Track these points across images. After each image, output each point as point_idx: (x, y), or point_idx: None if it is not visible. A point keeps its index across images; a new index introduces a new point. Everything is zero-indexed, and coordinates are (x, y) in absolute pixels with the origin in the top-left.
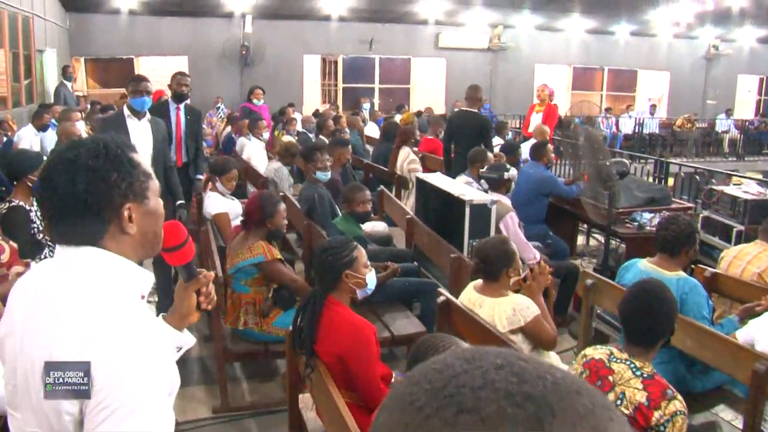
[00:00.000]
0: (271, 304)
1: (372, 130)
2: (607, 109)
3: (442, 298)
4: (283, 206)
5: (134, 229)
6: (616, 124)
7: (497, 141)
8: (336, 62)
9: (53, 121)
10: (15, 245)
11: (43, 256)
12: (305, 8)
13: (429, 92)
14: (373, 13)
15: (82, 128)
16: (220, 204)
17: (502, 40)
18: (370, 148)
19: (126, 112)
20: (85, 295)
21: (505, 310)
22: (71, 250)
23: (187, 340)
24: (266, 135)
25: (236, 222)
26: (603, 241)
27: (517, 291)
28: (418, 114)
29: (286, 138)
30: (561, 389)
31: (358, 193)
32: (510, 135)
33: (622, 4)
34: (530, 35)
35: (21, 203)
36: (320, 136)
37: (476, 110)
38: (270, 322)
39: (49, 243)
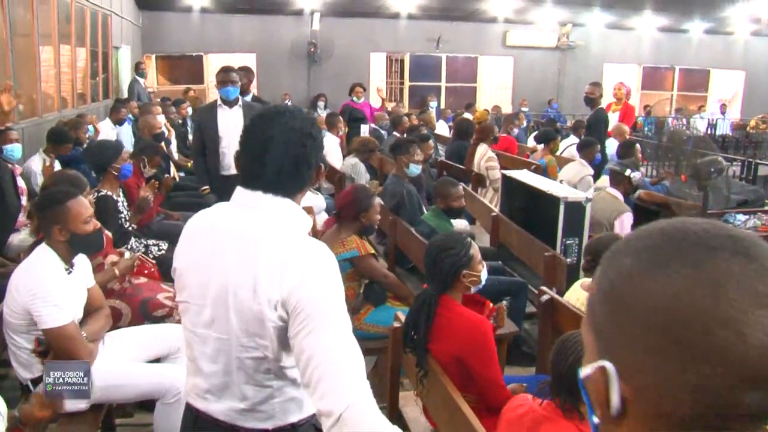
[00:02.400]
0: (362, 300)
1: (441, 128)
2: (678, 110)
3: (545, 297)
4: (378, 200)
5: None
6: (687, 125)
7: (573, 140)
8: (402, 60)
9: (130, 115)
10: (110, 234)
11: (130, 246)
12: (374, 5)
13: (496, 91)
14: (442, 11)
15: (162, 121)
16: (305, 198)
17: (570, 38)
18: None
19: (219, 101)
20: (287, 233)
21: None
22: (265, 196)
23: None
24: (342, 131)
25: (319, 217)
26: None
27: None
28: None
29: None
30: (751, 237)
31: (452, 188)
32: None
33: (696, 2)
34: (600, 33)
35: (109, 193)
36: (394, 133)
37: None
38: (361, 318)
39: (135, 233)
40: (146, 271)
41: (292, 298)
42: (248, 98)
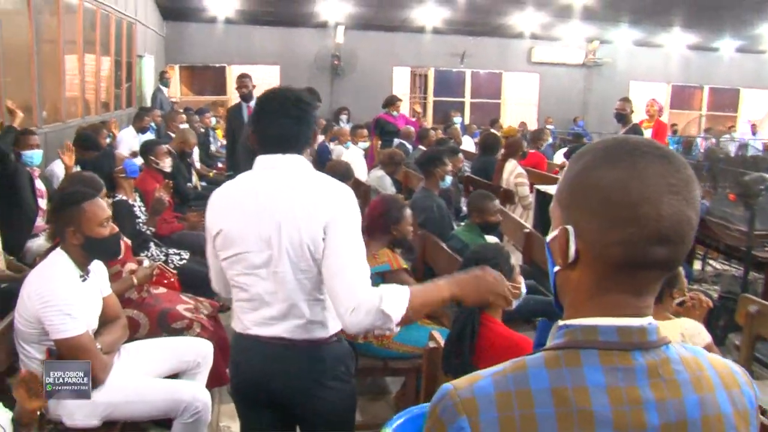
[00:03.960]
0: None
1: (467, 144)
2: (707, 130)
3: None
4: (409, 212)
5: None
6: (717, 145)
7: None
8: (426, 75)
9: (152, 124)
10: (129, 242)
11: (150, 254)
12: (398, 19)
13: (520, 107)
14: (467, 25)
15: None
16: None
17: (597, 55)
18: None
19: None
20: (311, 176)
21: (672, 336)
22: (282, 156)
23: None
24: (365, 143)
25: None
26: (719, 267)
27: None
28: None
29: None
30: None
31: (489, 202)
32: None
33: (727, 19)
34: (627, 51)
35: (124, 198)
36: (420, 147)
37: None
38: (391, 337)
39: (155, 241)
40: (166, 281)
41: (331, 222)
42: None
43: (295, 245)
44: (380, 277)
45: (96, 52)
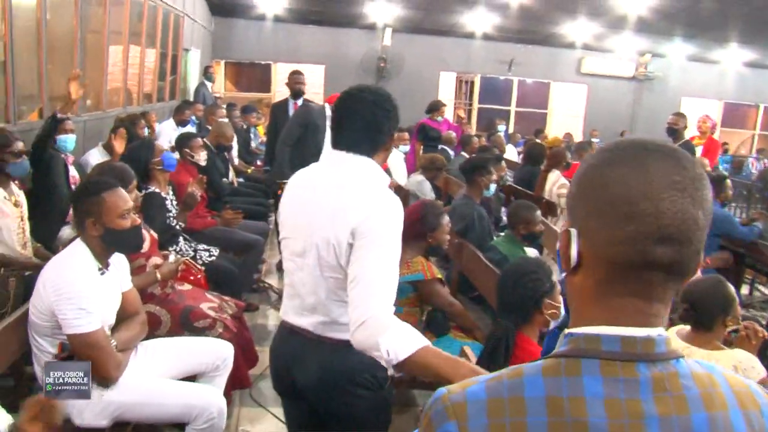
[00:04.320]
0: (423, 329)
1: (510, 153)
2: (760, 150)
3: None
4: (447, 219)
5: (388, 153)
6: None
7: None
8: (473, 82)
9: (193, 117)
10: (155, 235)
11: (179, 248)
12: (448, 23)
13: (567, 119)
14: (517, 33)
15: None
16: None
17: (648, 69)
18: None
19: (328, 112)
20: (360, 179)
21: (725, 368)
22: (350, 155)
23: None
24: (406, 147)
25: None
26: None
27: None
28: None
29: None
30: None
31: (532, 212)
32: None
33: None
34: (680, 65)
35: (157, 190)
36: (462, 153)
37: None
38: None
39: (185, 235)
40: (192, 278)
41: (359, 228)
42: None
43: (324, 242)
44: (412, 286)
45: (141, 43)
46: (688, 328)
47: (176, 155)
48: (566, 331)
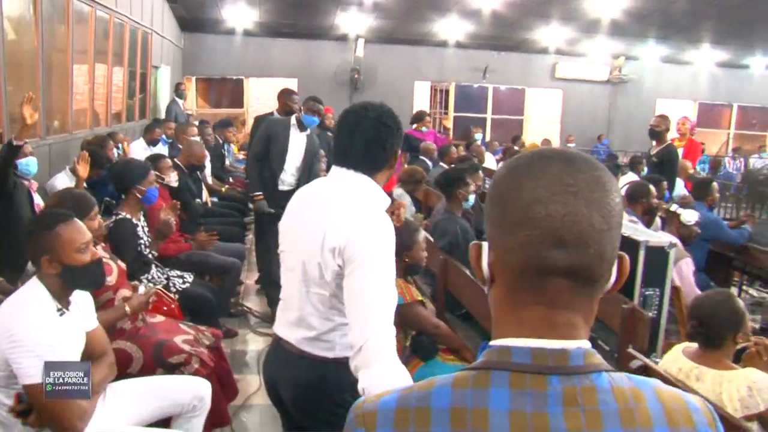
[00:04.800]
0: (409, 354)
1: (489, 162)
2: (736, 149)
3: (636, 363)
4: (422, 235)
5: (391, 171)
6: (744, 165)
7: (631, 177)
8: (447, 90)
9: (164, 136)
10: (123, 265)
11: (150, 276)
12: (421, 32)
13: (543, 124)
14: (490, 39)
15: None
16: None
17: (623, 72)
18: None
19: (293, 121)
20: (355, 199)
21: (738, 389)
22: (350, 173)
23: None
24: None
25: None
26: (756, 295)
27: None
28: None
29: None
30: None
31: None
32: (646, 170)
33: (758, 35)
34: (654, 67)
35: (128, 216)
36: (441, 164)
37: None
38: (412, 372)
39: (156, 262)
40: (165, 308)
41: (348, 248)
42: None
43: (310, 259)
44: None
45: (108, 62)
46: (695, 346)
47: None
48: (485, 344)
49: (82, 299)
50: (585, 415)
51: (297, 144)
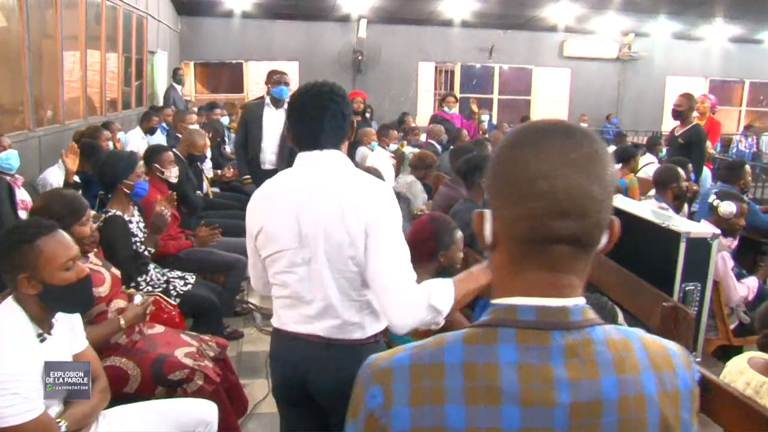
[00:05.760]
0: None
1: None
2: (747, 127)
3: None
4: (460, 235)
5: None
6: (757, 143)
7: (650, 158)
8: (453, 71)
9: (163, 124)
10: (117, 273)
11: (149, 278)
12: (425, 12)
13: (551, 104)
14: (497, 18)
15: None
16: None
17: (632, 49)
18: None
19: (267, 100)
20: (353, 174)
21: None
22: (320, 153)
23: None
24: (394, 145)
25: None
26: None
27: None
28: None
29: (408, 149)
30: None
31: None
32: (664, 152)
33: None
34: (665, 44)
35: (119, 213)
36: (452, 148)
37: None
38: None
39: (152, 260)
40: (165, 315)
41: (372, 225)
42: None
43: (333, 244)
44: None
45: (101, 47)
46: (765, 357)
47: (142, 172)
48: (490, 302)
49: (68, 318)
50: (584, 365)
51: (273, 121)
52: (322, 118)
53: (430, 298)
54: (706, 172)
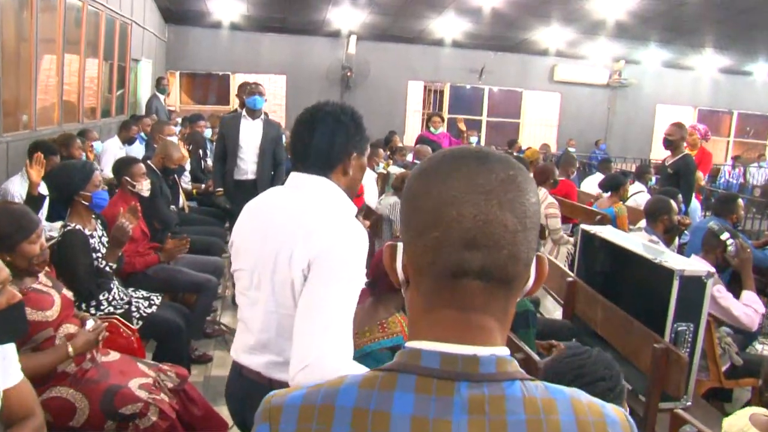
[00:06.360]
0: None
1: None
2: (735, 158)
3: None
4: None
5: (351, 173)
6: (744, 174)
7: (639, 187)
8: (442, 91)
9: (142, 134)
10: (69, 294)
11: (110, 297)
12: (416, 30)
13: (540, 128)
14: (488, 39)
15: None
16: None
17: (623, 75)
18: None
19: (243, 113)
20: (323, 208)
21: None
22: (308, 176)
23: None
24: (381, 165)
25: None
26: None
27: None
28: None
29: (393, 169)
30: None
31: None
32: (654, 180)
33: (762, 41)
34: (655, 72)
35: (78, 227)
36: None
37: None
38: None
39: (115, 278)
40: (123, 340)
41: (316, 262)
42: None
43: (281, 277)
44: (391, 352)
45: (80, 53)
46: None
47: (100, 181)
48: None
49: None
50: (489, 425)
51: (250, 132)
52: (315, 138)
53: (315, 362)
54: (695, 204)
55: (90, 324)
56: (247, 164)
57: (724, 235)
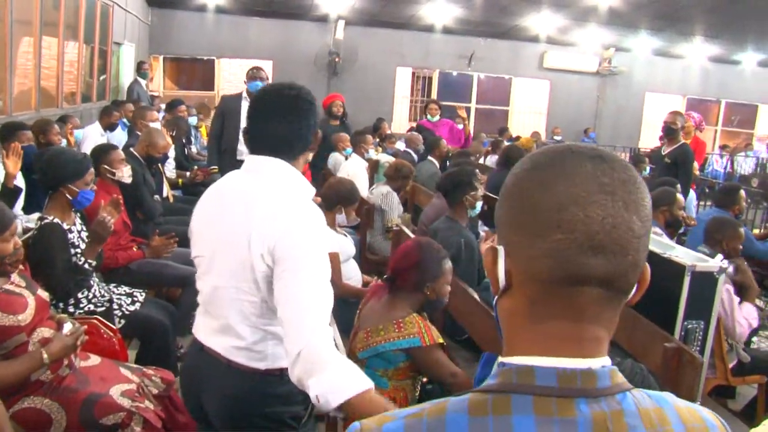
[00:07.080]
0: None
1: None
2: (722, 147)
3: None
4: (449, 266)
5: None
6: (731, 163)
7: None
8: (431, 78)
9: (124, 120)
10: (45, 295)
11: (90, 295)
12: (405, 15)
13: (529, 116)
14: (478, 25)
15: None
16: (330, 240)
17: (612, 63)
18: None
19: (244, 95)
20: (281, 192)
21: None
22: (266, 159)
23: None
24: (372, 152)
25: (346, 265)
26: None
27: None
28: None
29: (383, 157)
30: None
31: None
32: (648, 170)
33: (752, 30)
34: (645, 60)
35: (56, 221)
36: (429, 158)
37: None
38: None
39: (95, 274)
40: (103, 342)
41: (277, 248)
42: None
43: (239, 261)
44: (405, 354)
45: (59, 35)
46: None
47: (92, 180)
48: (499, 359)
49: None
50: None
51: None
52: (280, 122)
53: (316, 377)
54: (692, 194)
55: (68, 327)
56: (244, 145)
57: (718, 257)
